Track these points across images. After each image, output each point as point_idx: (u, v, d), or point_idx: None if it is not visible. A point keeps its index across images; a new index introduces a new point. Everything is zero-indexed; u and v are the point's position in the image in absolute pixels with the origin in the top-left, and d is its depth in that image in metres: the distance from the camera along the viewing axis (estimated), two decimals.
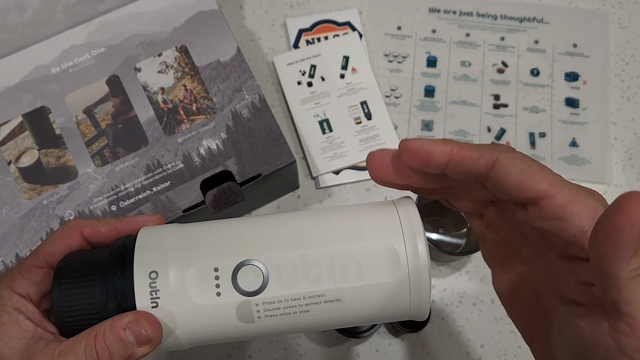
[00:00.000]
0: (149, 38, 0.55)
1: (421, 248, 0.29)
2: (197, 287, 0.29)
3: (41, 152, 0.52)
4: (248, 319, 0.29)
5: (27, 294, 0.31)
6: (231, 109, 0.53)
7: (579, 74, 0.67)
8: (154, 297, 0.29)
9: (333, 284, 0.29)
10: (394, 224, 0.30)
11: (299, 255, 0.29)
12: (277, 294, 0.29)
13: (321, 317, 0.30)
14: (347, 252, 0.29)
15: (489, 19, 0.69)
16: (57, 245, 0.32)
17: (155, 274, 0.29)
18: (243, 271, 0.29)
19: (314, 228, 0.30)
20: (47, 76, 0.54)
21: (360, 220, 0.30)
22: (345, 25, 0.68)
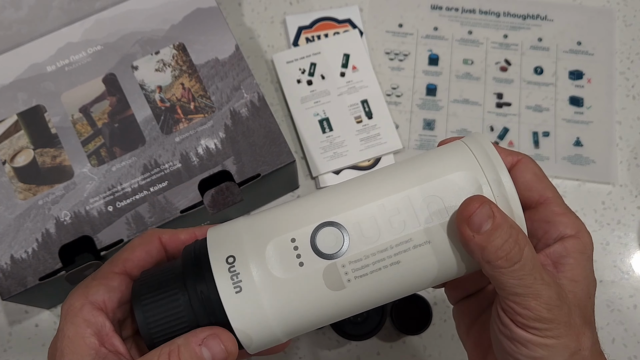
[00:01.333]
0: (146, 36, 0.55)
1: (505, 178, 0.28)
2: (277, 261, 0.28)
3: (36, 152, 0.52)
4: (338, 284, 0.28)
5: (102, 301, 0.30)
6: (230, 108, 0.53)
7: (584, 72, 0.67)
8: (235, 281, 0.28)
9: (418, 226, 0.28)
10: (466, 155, 0.29)
11: (376, 206, 0.28)
12: (361, 249, 0.28)
13: (414, 266, 0.29)
14: (425, 191, 0.28)
15: (492, 16, 0.69)
16: (136, 251, 0.32)
17: (232, 258, 0.28)
18: (321, 235, 0.28)
19: (384, 179, 0.29)
20: (43, 74, 0.53)
21: (431, 161, 0.30)
22: (346, 22, 0.68)
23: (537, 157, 0.64)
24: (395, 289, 0.29)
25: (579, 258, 0.30)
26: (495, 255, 0.27)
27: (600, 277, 0.60)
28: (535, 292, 0.27)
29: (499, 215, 0.27)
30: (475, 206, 0.27)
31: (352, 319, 0.55)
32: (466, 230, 0.27)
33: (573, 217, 0.31)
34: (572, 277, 0.30)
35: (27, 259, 0.49)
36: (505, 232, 0.27)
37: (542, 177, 0.32)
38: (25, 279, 0.48)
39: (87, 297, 0.30)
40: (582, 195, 0.63)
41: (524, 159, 0.32)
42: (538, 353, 0.28)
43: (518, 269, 0.27)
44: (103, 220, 0.50)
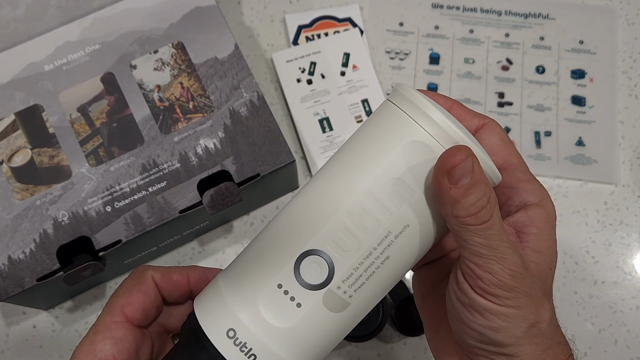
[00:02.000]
0: (145, 34, 0.55)
1: (438, 118, 0.27)
2: (276, 314, 0.28)
3: (34, 152, 0.52)
4: (341, 305, 0.28)
5: (112, 356, 0.29)
6: (229, 107, 0.53)
7: (586, 71, 0.67)
8: (246, 351, 0.28)
9: (390, 216, 0.27)
10: (399, 118, 0.28)
11: (343, 215, 0.27)
12: (348, 264, 0.27)
13: (403, 253, 0.28)
14: (380, 179, 0.27)
15: (494, 15, 0.69)
16: (133, 295, 0.31)
17: (233, 331, 0.28)
18: (304, 268, 0.28)
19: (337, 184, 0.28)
20: (40, 73, 0.53)
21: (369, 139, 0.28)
22: (346, 21, 0.67)
23: (539, 156, 0.64)
24: (394, 279, 0.29)
25: (543, 227, 0.29)
26: (466, 211, 0.26)
27: (603, 278, 0.60)
28: (500, 255, 0.26)
29: (478, 170, 0.26)
30: (459, 158, 0.26)
31: None
32: (444, 182, 0.26)
33: (537, 184, 0.30)
34: (535, 247, 0.29)
35: (25, 259, 0.49)
36: (481, 190, 0.26)
37: (508, 142, 0.31)
38: (22, 279, 0.48)
39: (95, 355, 0.29)
40: (584, 196, 0.63)
41: (490, 123, 0.31)
42: (495, 323, 0.27)
43: (485, 228, 0.26)
44: (101, 221, 0.50)
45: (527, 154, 0.64)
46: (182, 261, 0.60)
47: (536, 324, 0.28)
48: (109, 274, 0.57)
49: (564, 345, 0.30)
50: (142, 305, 0.31)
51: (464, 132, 0.28)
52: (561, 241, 0.61)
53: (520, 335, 0.28)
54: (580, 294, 0.60)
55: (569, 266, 0.60)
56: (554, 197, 0.63)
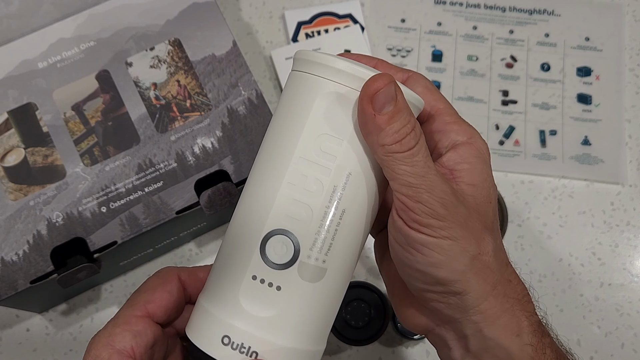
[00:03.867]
0: (141, 31, 0.54)
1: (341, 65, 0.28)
2: (260, 305, 0.28)
3: (27, 151, 0.52)
4: (319, 273, 0.29)
5: (130, 348, 0.30)
6: (227, 106, 0.53)
7: (592, 68, 0.67)
8: (246, 351, 0.28)
9: (329, 171, 0.28)
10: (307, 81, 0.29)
11: (285, 189, 0.28)
12: (310, 231, 0.28)
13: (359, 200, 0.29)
14: (308, 141, 0.28)
15: (497, 11, 0.69)
16: (157, 293, 0.32)
17: (227, 338, 0.28)
18: (270, 251, 0.28)
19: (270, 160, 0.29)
20: (34, 71, 0.53)
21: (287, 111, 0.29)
22: (347, 17, 0.67)
23: (544, 156, 0.64)
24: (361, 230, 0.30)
25: (475, 162, 0.30)
26: (392, 138, 0.27)
27: (609, 280, 0.60)
28: (428, 183, 0.27)
29: (401, 98, 0.27)
30: (381, 83, 0.27)
31: (353, 324, 0.55)
32: (369, 108, 0.27)
33: (465, 125, 0.31)
34: (469, 181, 0.30)
35: (18, 261, 0.49)
36: (405, 118, 0.27)
37: (434, 89, 0.32)
38: (16, 282, 0.48)
39: (113, 346, 0.29)
40: (590, 196, 0.62)
41: (414, 75, 0.32)
42: (435, 257, 0.28)
43: (412, 155, 0.27)
44: (96, 222, 0.50)
45: (532, 154, 0.64)
46: (179, 263, 0.60)
47: (478, 256, 0.28)
48: (104, 276, 0.57)
49: (516, 284, 0.30)
50: (165, 303, 0.32)
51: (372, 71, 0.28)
52: (567, 242, 0.61)
53: (463, 269, 0.28)
54: (586, 297, 0.60)
55: (575, 268, 0.60)
56: (560, 198, 0.63)
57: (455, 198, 0.28)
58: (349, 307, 0.55)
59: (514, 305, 0.29)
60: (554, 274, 0.60)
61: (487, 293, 0.29)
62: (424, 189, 0.27)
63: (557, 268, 0.61)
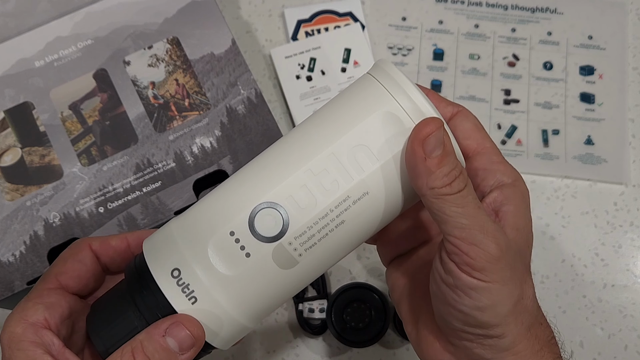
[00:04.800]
0: (139, 29, 0.54)
1: (415, 96, 0.28)
2: (223, 260, 0.28)
3: (24, 151, 0.52)
4: (290, 262, 0.29)
5: (44, 319, 0.30)
6: (226, 105, 0.53)
7: (595, 67, 0.67)
8: (187, 292, 0.28)
9: (351, 181, 0.28)
10: (376, 90, 0.29)
11: (304, 173, 0.28)
12: (303, 221, 0.28)
13: (360, 220, 0.29)
14: (347, 143, 0.28)
15: (499, 10, 0.69)
16: (68, 263, 0.32)
17: (177, 271, 0.28)
18: (259, 219, 0.28)
19: (303, 140, 0.29)
20: (31, 70, 0.53)
21: (344, 106, 0.30)
22: (347, 15, 0.67)
23: (547, 156, 0.63)
24: (346, 247, 0.30)
25: (519, 205, 0.31)
26: (442, 181, 0.27)
27: (613, 281, 0.60)
28: (481, 223, 0.27)
29: (448, 142, 0.28)
30: (433, 127, 0.27)
31: (353, 325, 0.55)
32: (419, 151, 0.27)
33: (510, 166, 0.32)
34: (513, 224, 0.30)
35: (15, 262, 0.49)
36: (453, 161, 0.28)
37: (481, 128, 0.33)
38: (12, 283, 0.48)
39: (26, 320, 0.30)
40: (593, 196, 0.62)
41: (464, 110, 0.33)
42: (482, 302, 0.28)
43: (462, 197, 0.27)
44: (94, 222, 0.50)
45: (535, 153, 0.64)
46: None
47: (521, 300, 0.29)
48: None
49: (545, 327, 0.31)
50: (77, 273, 0.32)
51: (436, 112, 0.29)
52: (569, 243, 0.61)
53: (506, 314, 0.28)
54: (589, 298, 0.60)
55: (578, 269, 0.60)
56: (562, 198, 0.63)
57: (506, 239, 0.28)
58: (349, 309, 0.55)
59: (543, 347, 0.30)
60: (556, 275, 0.60)
61: (522, 336, 0.29)
62: (477, 230, 0.27)
63: (559, 269, 0.61)
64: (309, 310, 0.56)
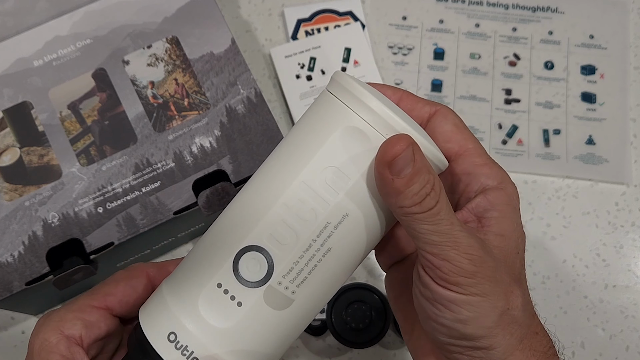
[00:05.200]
0: (138, 29, 0.54)
1: (374, 104, 0.27)
2: (216, 314, 0.28)
3: (23, 150, 0.52)
4: (284, 302, 0.28)
5: (79, 336, 0.30)
6: (225, 105, 0.53)
7: (596, 67, 0.67)
8: (187, 354, 0.28)
9: (327, 206, 0.27)
10: (334, 106, 0.28)
11: (279, 209, 0.28)
12: (288, 258, 0.28)
13: (347, 244, 0.28)
14: (315, 168, 0.27)
15: (500, 9, 0.69)
16: (120, 286, 0.32)
17: (174, 334, 0.28)
18: (243, 265, 0.28)
19: (271, 177, 0.29)
20: (29, 69, 0.53)
21: (305, 129, 0.29)
22: (347, 15, 0.67)
23: (548, 156, 0.63)
24: (340, 273, 0.29)
25: (504, 210, 0.29)
26: (410, 201, 0.26)
27: (614, 281, 0.60)
28: (453, 239, 0.26)
29: (419, 158, 0.26)
30: (399, 149, 0.26)
31: (353, 326, 0.55)
32: (386, 173, 0.26)
33: (495, 167, 0.30)
34: (498, 231, 0.29)
35: (13, 262, 0.49)
36: (424, 178, 0.26)
37: (462, 127, 0.31)
38: (11, 283, 0.48)
39: (62, 332, 0.29)
40: (594, 196, 0.62)
41: (442, 109, 0.31)
42: (463, 315, 0.27)
43: (433, 214, 0.26)
44: (93, 222, 0.50)
45: (536, 153, 0.63)
46: None
47: (507, 311, 0.28)
48: (100, 277, 0.57)
49: (542, 336, 0.30)
50: (127, 298, 0.32)
51: (403, 118, 0.28)
52: (571, 243, 0.61)
53: (492, 325, 0.27)
54: (591, 299, 0.60)
55: (579, 269, 0.60)
56: (563, 198, 0.63)
57: (483, 251, 0.27)
58: (349, 309, 0.55)
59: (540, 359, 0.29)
60: (557, 276, 0.60)
61: (514, 347, 0.28)
62: (449, 246, 0.26)
63: (560, 269, 0.60)
64: None
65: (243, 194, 0.30)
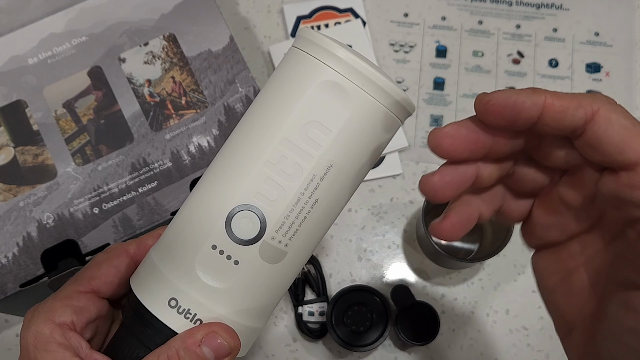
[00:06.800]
0: (134, 26, 0.54)
1: (343, 55, 0.28)
2: (215, 275, 0.29)
3: (17, 150, 0.52)
4: (279, 255, 0.29)
5: (71, 322, 0.30)
6: (223, 103, 0.53)
7: (601, 64, 0.67)
8: (191, 317, 0.29)
9: (311, 159, 0.28)
10: (308, 62, 0.29)
11: (263, 167, 0.28)
12: (278, 213, 0.28)
13: (333, 194, 0.29)
14: (295, 124, 0.28)
15: (504, 5, 0.69)
16: (102, 268, 0.32)
17: (174, 300, 0.29)
18: (235, 225, 0.29)
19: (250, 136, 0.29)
20: (24, 67, 0.53)
21: (280, 86, 0.29)
22: (348, 12, 0.67)
23: None
24: (328, 220, 0.30)
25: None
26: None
27: None
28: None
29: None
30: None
31: (354, 328, 0.55)
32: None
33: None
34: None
35: (7, 264, 0.49)
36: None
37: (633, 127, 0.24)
38: (5, 285, 0.48)
39: (53, 321, 0.30)
40: None
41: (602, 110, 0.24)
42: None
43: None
44: (88, 223, 0.50)
45: None
46: None
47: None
48: None
49: None
50: (111, 278, 0.32)
51: (372, 65, 0.29)
52: None
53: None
54: None
55: None
56: None
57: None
58: (350, 312, 0.55)
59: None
60: None
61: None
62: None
63: None
64: (308, 314, 0.56)
65: (226, 151, 0.30)
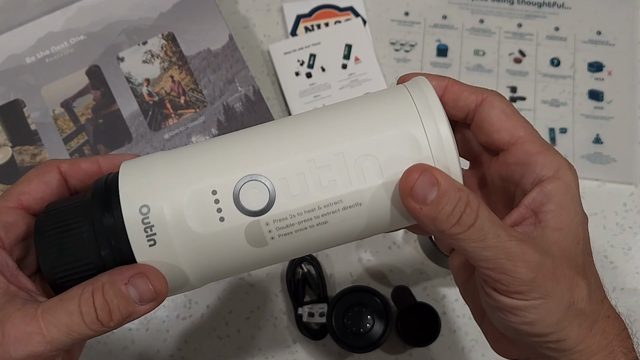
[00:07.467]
0: (133, 25, 0.55)
1: (444, 130, 0.28)
2: (196, 215, 0.28)
3: (15, 149, 0.52)
4: (260, 241, 0.29)
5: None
6: (223, 102, 0.53)
7: (604, 64, 0.67)
8: (149, 233, 0.28)
9: (350, 187, 0.28)
10: (408, 108, 0.29)
11: (306, 161, 0.28)
12: (288, 208, 0.28)
13: (342, 226, 0.29)
14: (359, 149, 0.28)
15: (505, 4, 0.69)
16: (32, 183, 0.31)
17: (147, 208, 0.28)
18: (245, 189, 0.28)
19: (317, 128, 0.29)
20: (22, 66, 0.53)
21: (370, 111, 0.29)
22: (348, 10, 0.67)
23: None
24: (319, 246, 0.30)
25: (562, 201, 0.29)
26: (447, 223, 0.27)
27: (622, 284, 0.60)
28: (505, 251, 0.27)
29: (443, 180, 0.27)
30: (414, 177, 0.27)
31: (354, 330, 0.55)
32: (412, 204, 0.27)
33: (550, 154, 0.30)
34: (555, 225, 0.29)
35: None
36: (454, 197, 0.27)
37: (511, 113, 0.30)
38: None
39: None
40: (602, 197, 0.62)
41: (490, 97, 0.31)
42: (529, 318, 0.28)
43: (476, 231, 0.27)
44: None
45: None
46: None
47: (572, 305, 0.28)
48: None
49: (614, 319, 0.30)
50: (41, 194, 0.31)
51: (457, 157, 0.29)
52: None
53: (558, 321, 0.28)
54: None
55: None
56: None
57: (539, 254, 0.28)
58: (350, 313, 0.55)
59: (613, 341, 0.29)
60: None
61: (584, 335, 0.29)
62: (503, 259, 0.27)
63: None
64: (308, 315, 0.56)
65: (286, 123, 0.30)
